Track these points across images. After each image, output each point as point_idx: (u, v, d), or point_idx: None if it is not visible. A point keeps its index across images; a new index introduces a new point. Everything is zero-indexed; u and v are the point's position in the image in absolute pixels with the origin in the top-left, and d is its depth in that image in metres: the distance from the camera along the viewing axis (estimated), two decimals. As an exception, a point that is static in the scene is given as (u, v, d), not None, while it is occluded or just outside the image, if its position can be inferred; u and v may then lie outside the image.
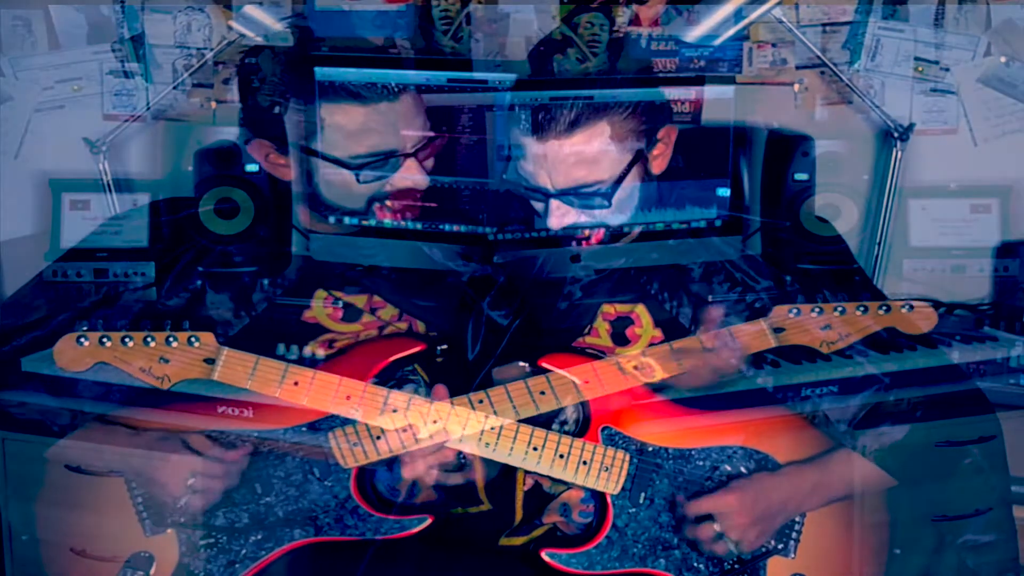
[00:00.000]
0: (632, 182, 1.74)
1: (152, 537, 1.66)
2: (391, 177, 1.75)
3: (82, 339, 1.54)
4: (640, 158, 1.72)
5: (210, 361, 1.57)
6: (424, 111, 1.77)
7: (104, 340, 1.54)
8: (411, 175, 1.76)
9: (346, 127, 1.73)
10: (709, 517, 1.65)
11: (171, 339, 1.55)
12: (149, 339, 1.54)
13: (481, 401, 1.63)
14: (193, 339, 1.56)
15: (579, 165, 1.69)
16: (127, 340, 1.54)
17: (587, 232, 1.76)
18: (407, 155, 1.75)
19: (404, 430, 1.60)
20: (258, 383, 1.58)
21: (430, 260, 1.81)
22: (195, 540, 1.65)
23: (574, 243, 1.78)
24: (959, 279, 2.25)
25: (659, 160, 1.76)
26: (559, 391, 1.64)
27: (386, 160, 1.74)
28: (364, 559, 1.66)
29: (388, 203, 1.77)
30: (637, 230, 1.80)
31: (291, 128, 1.75)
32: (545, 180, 1.70)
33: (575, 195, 1.71)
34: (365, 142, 1.73)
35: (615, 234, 1.79)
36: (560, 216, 1.72)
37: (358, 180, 1.74)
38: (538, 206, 1.75)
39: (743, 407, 1.73)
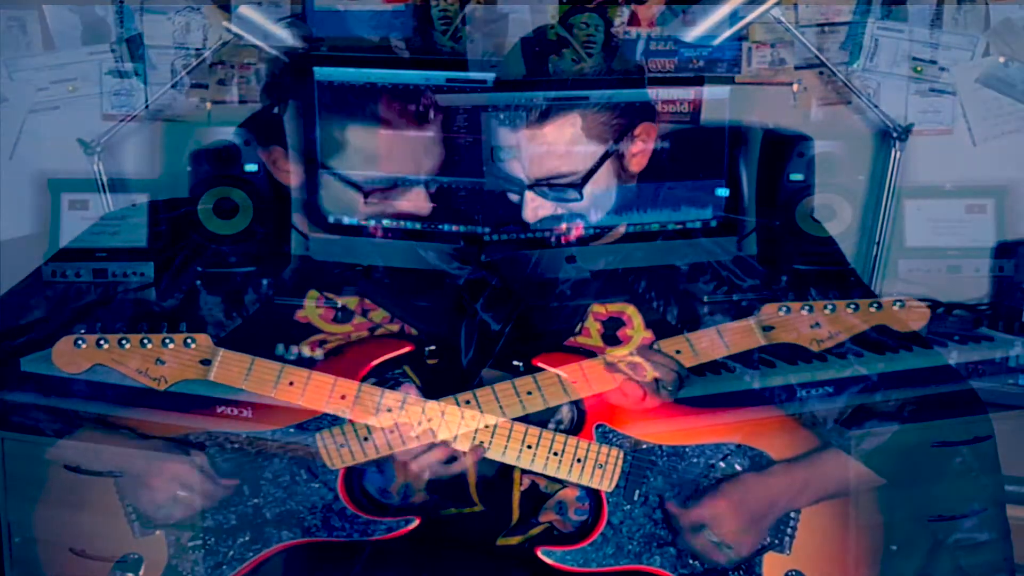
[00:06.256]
0: (607, 178, 1.74)
1: (141, 538, 1.66)
2: (396, 202, 1.76)
3: (79, 341, 1.55)
4: (613, 154, 1.73)
5: (206, 362, 1.57)
6: (443, 140, 1.77)
7: (101, 342, 1.55)
8: (417, 204, 1.77)
9: (370, 151, 1.73)
10: (703, 527, 1.65)
11: (167, 341, 1.56)
12: (146, 341, 1.56)
13: (468, 402, 1.63)
14: (189, 340, 1.57)
15: (551, 156, 1.70)
16: (124, 342, 1.55)
17: (565, 227, 1.76)
18: (417, 184, 1.75)
19: (391, 431, 1.61)
20: (254, 383, 1.59)
21: (426, 261, 1.82)
22: (183, 541, 1.66)
23: (554, 238, 1.77)
24: (955, 279, 2.24)
25: (638, 158, 1.77)
26: (546, 391, 1.64)
27: (396, 186, 1.74)
28: (359, 561, 1.66)
29: (385, 223, 1.78)
30: (621, 229, 1.80)
31: (295, 136, 1.76)
32: (519, 170, 1.72)
33: (548, 186, 1.71)
34: (384, 167, 1.74)
35: (596, 233, 1.79)
36: (534, 208, 1.74)
37: (365, 203, 1.74)
38: (514, 198, 1.76)
39: (739, 406, 1.73)
